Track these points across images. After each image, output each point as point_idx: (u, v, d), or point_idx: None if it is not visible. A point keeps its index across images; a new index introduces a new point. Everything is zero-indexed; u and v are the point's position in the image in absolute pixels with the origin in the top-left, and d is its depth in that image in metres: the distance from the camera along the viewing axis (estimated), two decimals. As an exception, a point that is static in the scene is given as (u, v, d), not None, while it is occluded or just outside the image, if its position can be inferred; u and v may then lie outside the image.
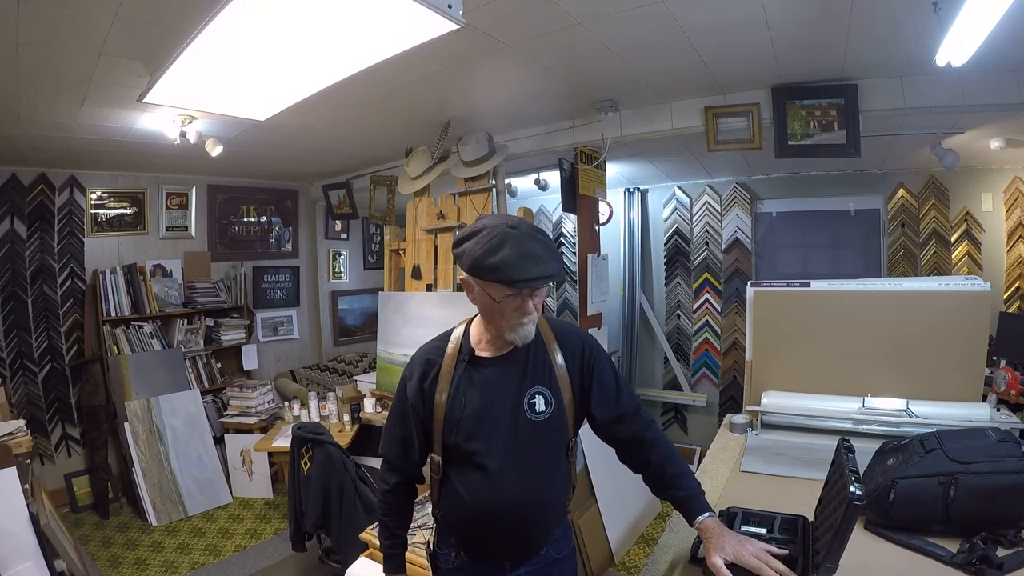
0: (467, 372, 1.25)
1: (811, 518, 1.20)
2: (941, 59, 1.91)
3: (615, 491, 3.17)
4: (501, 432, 1.21)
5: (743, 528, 1.19)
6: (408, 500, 1.41)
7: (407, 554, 1.77)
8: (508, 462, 1.21)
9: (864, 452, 1.52)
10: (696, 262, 4.47)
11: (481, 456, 1.21)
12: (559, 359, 1.28)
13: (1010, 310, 3.47)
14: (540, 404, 1.23)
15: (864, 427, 1.84)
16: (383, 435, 1.38)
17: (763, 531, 1.17)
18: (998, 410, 1.89)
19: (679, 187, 4.52)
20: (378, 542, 1.47)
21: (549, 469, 1.27)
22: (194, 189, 4.59)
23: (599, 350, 1.34)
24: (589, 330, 3.25)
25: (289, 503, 2.71)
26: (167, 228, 4.49)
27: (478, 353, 1.27)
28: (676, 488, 1.23)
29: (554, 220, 5.05)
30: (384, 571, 1.43)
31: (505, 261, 1.08)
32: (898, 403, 1.81)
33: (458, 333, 1.31)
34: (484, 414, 1.22)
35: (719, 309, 4.39)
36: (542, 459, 1.26)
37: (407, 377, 1.31)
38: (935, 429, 1.43)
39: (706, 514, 1.17)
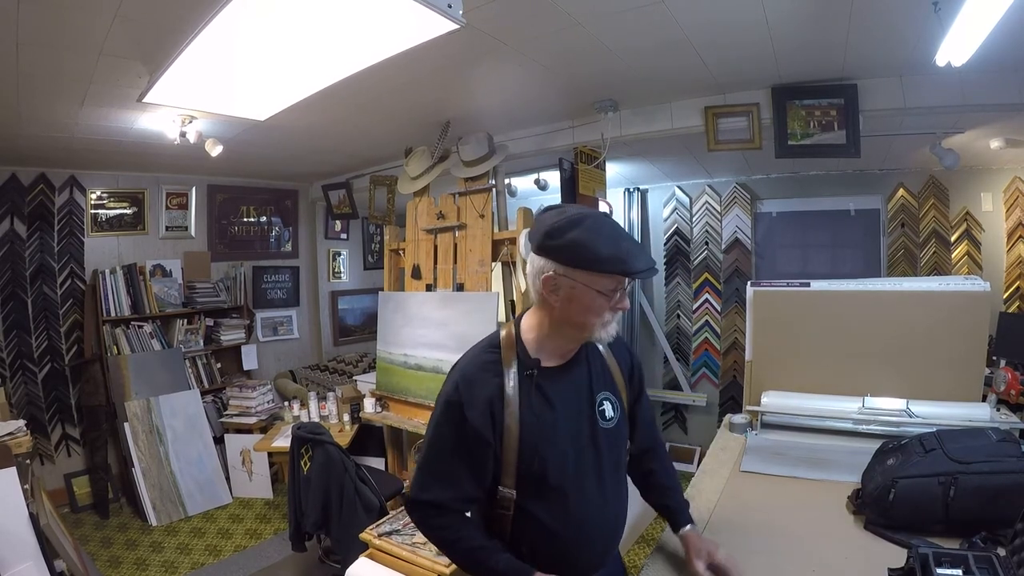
0: (536, 387, 1.10)
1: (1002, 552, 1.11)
2: (941, 59, 1.92)
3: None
4: (583, 448, 1.13)
5: (938, 570, 1.05)
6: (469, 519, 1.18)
7: (409, 554, 1.78)
8: (592, 480, 1.14)
9: (864, 452, 1.53)
10: (696, 262, 4.47)
11: (566, 479, 1.10)
12: (614, 362, 1.23)
13: (1010, 310, 3.47)
14: (609, 410, 1.17)
15: (864, 427, 1.84)
16: (424, 476, 1.13)
17: (959, 572, 1.04)
18: (998, 410, 1.89)
19: (679, 187, 4.53)
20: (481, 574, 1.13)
21: (622, 478, 1.23)
22: (194, 189, 4.59)
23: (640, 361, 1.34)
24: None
25: (289, 503, 2.71)
26: (167, 228, 4.49)
27: (544, 364, 1.12)
28: (669, 499, 1.30)
29: (554, 220, 5.04)
30: None
31: (627, 251, 1.02)
32: (898, 403, 1.81)
33: (508, 343, 1.13)
34: (565, 433, 1.11)
35: (719, 309, 4.39)
36: (617, 469, 1.21)
37: (462, 403, 1.07)
38: (935, 429, 1.43)
39: (689, 526, 1.25)
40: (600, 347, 1.21)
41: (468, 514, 1.17)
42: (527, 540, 1.12)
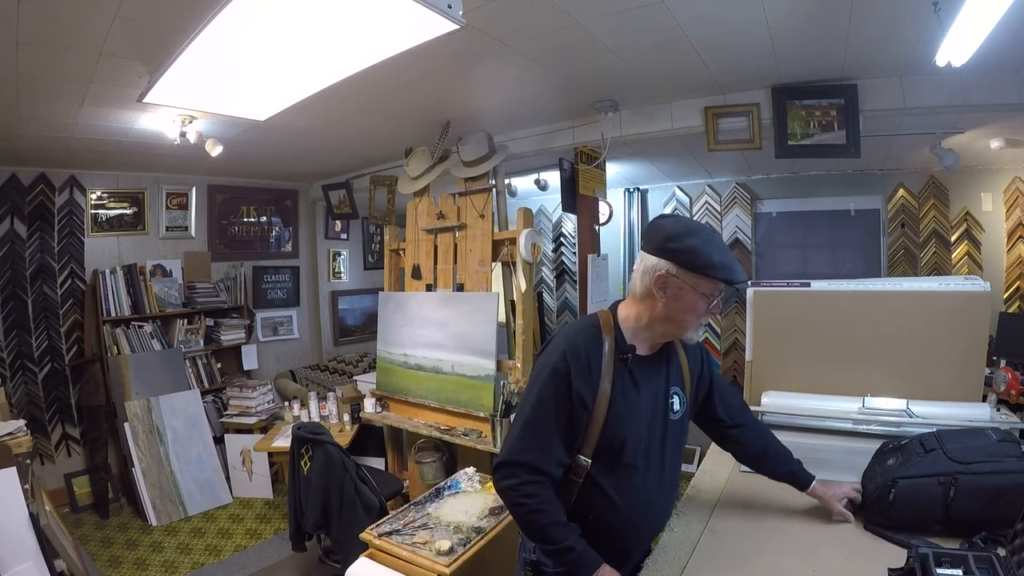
0: (627, 369, 1.21)
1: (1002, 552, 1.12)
2: (941, 59, 1.92)
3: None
4: (654, 432, 1.24)
5: (938, 570, 1.07)
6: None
7: (409, 554, 1.78)
8: (657, 464, 1.25)
9: (864, 452, 1.53)
10: (696, 262, 4.46)
11: (635, 457, 1.21)
12: (686, 362, 1.34)
13: (1010, 310, 3.47)
14: (677, 404, 1.29)
15: (864, 427, 1.83)
16: (520, 437, 1.19)
17: (959, 572, 1.05)
18: (998, 410, 1.89)
19: (679, 187, 4.52)
20: (552, 551, 1.18)
21: (679, 468, 1.35)
22: (194, 189, 4.59)
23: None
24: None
25: (289, 503, 2.71)
26: (167, 228, 4.49)
27: (637, 351, 1.23)
28: (790, 464, 1.42)
29: (554, 220, 5.05)
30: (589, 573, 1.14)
31: (733, 263, 1.16)
32: (898, 403, 1.81)
33: (606, 326, 1.23)
34: (644, 416, 1.23)
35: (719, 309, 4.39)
36: (677, 459, 1.33)
37: (568, 371, 1.16)
38: (935, 429, 1.43)
39: (816, 480, 1.39)
40: (681, 347, 1.33)
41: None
42: (593, 509, 1.21)
